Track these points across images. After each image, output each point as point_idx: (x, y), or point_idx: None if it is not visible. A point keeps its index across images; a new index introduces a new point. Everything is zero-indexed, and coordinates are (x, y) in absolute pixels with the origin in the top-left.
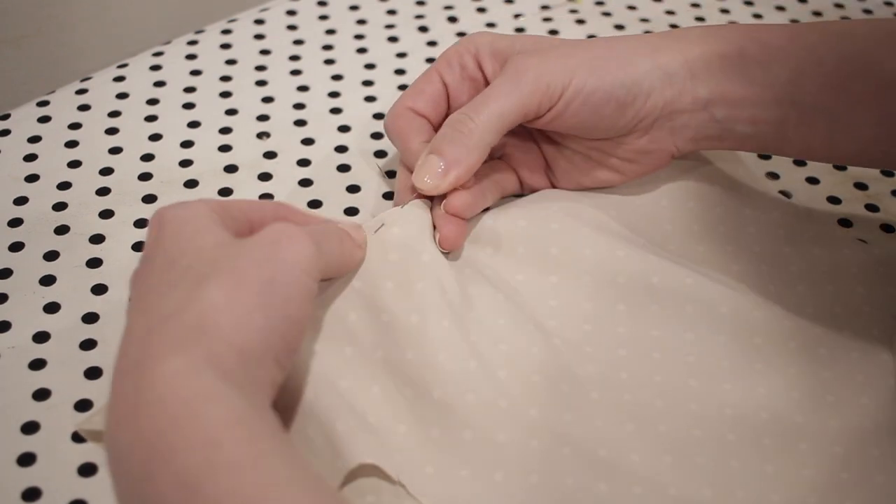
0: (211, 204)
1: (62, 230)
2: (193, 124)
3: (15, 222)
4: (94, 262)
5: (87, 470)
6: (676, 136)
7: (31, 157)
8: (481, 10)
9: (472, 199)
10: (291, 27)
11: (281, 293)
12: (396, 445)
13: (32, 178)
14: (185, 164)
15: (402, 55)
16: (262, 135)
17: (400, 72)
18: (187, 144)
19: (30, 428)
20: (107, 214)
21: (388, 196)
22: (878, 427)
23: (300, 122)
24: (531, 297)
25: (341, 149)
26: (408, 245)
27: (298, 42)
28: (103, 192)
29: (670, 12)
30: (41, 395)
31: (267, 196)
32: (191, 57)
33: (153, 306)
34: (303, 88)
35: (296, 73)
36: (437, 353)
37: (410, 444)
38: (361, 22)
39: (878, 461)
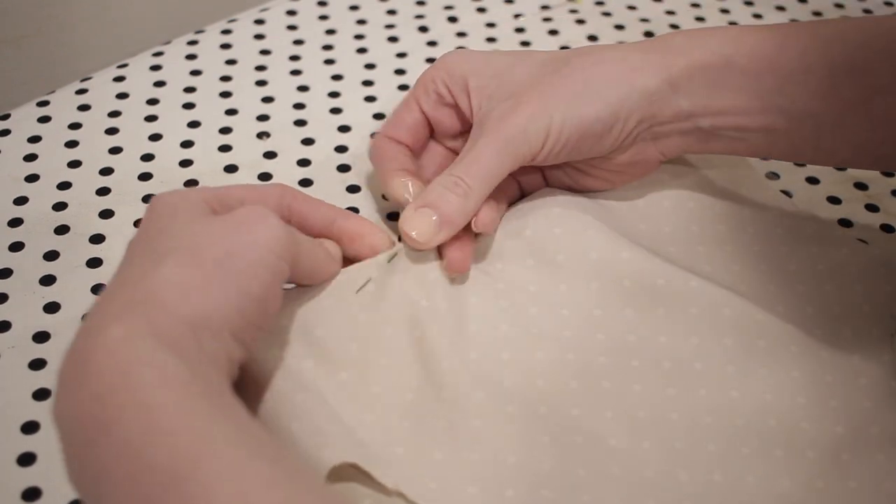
0: (205, 192)
1: (62, 230)
2: (193, 124)
3: (15, 222)
4: (94, 262)
5: None
6: (660, 145)
7: (31, 157)
8: (481, 10)
9: (496, 215)
10: (291, 27)
11: (239, 268)
12: (396, 465)
13: (32, 178)
14: (185, 164)
15: (402, 55)
16: (262, 135)
17: (400, 72)
18: (187, 144)
19: (30, 428)
20: (107, 214)
21: (387, 197)
22: (883, 431)
23: (300, 122)
24: (544, 309)
25: (341, 149)
26: (410, 268)
27: (298, 42)
28: (103, 192)
29: (670, 12)
30: (41, 394)
31: None
32: (191, 57)
33: (114, 282)
34: (303, 88)
35: (296, 73)
36: (439, 389)
37: (410, 462)
38: (361, 22)
39: (885, 467)
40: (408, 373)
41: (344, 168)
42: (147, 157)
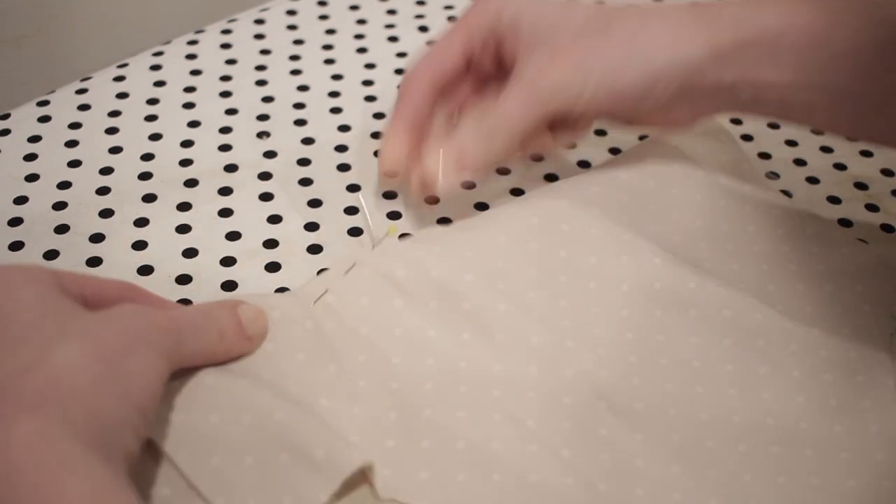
0: (46, 270)
1: (62, 229)
2: (193, 124)
3: (15, 222)
4: (94, 262)
5: None
6: (696, 109)
7: (31, 157)
8: None
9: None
10: (291, 27)
11: (139, 364)
12: (385, 460)
13: (32, 178)
14: (185, 163)
15: (402, 55)
16: (262, 135)
17: (400, 72)
18: (187, 144)
19: None
20: (107, 214)
21: (388, 195)
22: (882, 430)
23: (300, 122)
24: (545, 307)
25: (341, 148)
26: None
27: (298, 42)
28: (103, 191)
29: None
30: None
31: (267, 196)
32: (191, 57)
33: None
34: (303, 88)
35: (296, 73)
36: (424, 382)
37: (400, 455)
38: (361, 22)
39: (884, 466)
40: (389, 368)
41: (344, 168)
42: (147, 157)
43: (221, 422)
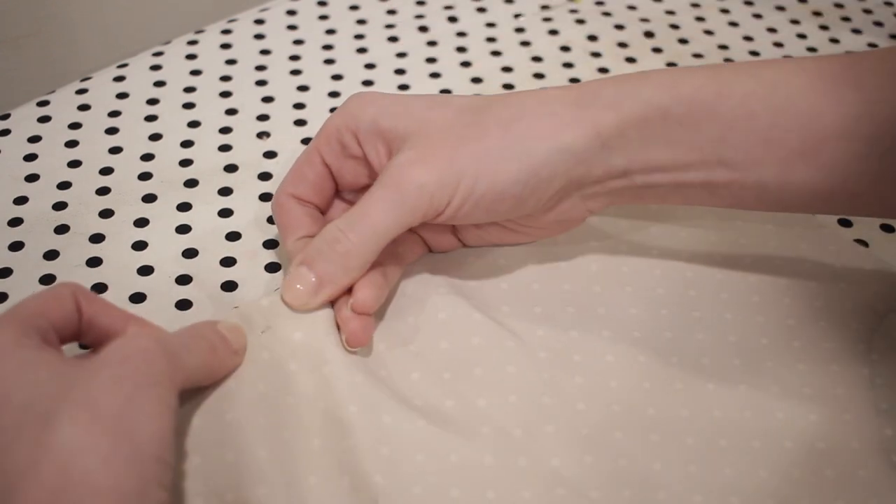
0: (13, 326)
1: (62, 230)
2: (193, 124)
3: (15, 222)
4: (94, 262)
5: None
6: (589, 202)
7: (31, 157)
8: (481, 10)
9: (377, 291)
10: (291, 27)
11: (143, 412)
12: (376, 468)
13: (32, 178)
14: (185, 163)
15: (402, 55)
16: (262, 135)
17: (400, 72)
18: (187, 144)
19: None
20: (107, 214)
21: None
22: (857, 418)
23: (300, 122)
24: (549, 315)
25: None
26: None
27: (298, 42)
28: (103, 191)
29: (670, 12)
30: None
31: (267, 196)
32: (191, 57)
33: None
34: (303, 88)
35: (296, 73)
36: (413, 399)
37: (394, 467)
38: (361, 22)
39: (859, 455)
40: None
41: None
42: (147, 157)
43: None
